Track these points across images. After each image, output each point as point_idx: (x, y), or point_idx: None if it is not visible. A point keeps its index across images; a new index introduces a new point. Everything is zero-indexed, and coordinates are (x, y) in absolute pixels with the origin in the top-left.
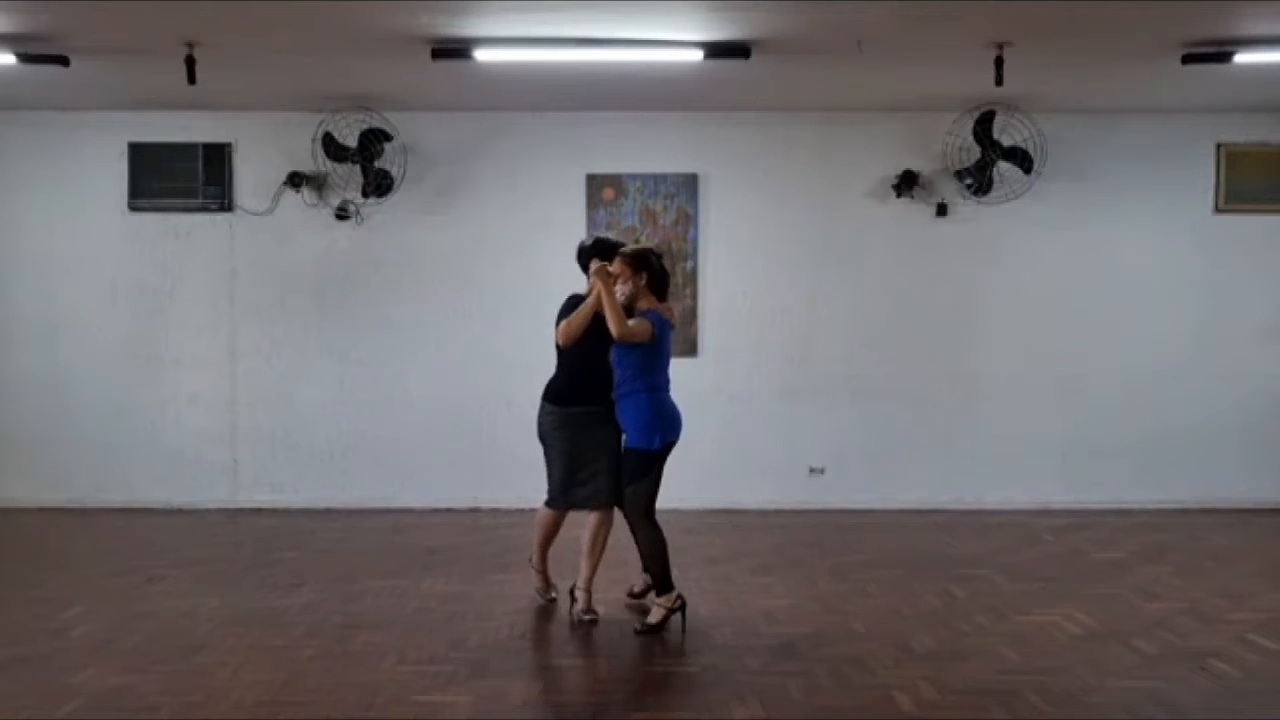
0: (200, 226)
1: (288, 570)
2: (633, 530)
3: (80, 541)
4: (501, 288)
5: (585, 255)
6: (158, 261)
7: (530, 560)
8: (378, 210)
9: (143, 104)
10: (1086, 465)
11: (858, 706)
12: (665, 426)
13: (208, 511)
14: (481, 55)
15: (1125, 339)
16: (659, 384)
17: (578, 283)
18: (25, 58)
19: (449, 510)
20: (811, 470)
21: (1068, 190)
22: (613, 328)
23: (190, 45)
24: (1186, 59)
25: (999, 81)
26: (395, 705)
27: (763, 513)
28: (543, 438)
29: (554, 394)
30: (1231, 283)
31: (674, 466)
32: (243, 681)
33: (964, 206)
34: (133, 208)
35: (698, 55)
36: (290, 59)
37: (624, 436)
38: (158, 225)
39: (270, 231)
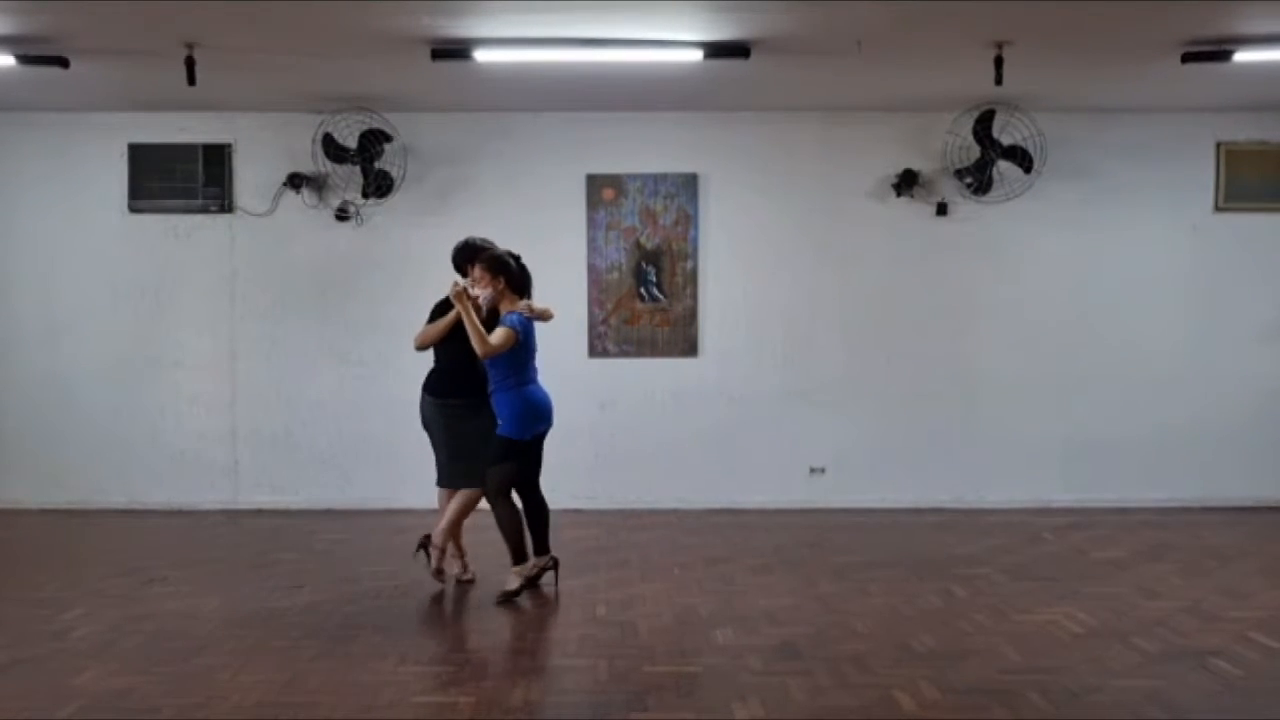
0: (200, 227)
1: (288, 571)
2: (491, 506)
3: (81, 543)
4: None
5: (456, 257)
6: (158, 262)
7: (432, 540)
8: (378, 211)
9: (143, 105)
10: (1087, 464)
11: (859, 706)
12: (536, 418)
13: (208, 512)
14: (481, 56)
15: (1125, 338)
16: (528, 378)
17: (577, 282)
18: (25, 59)
19: None
20: (812, 470)
21: (1068, 189)
22: (477, 349)
23: (190, 46)
24: (1186, 57)
25: (999, 81)
26: (396, 706)
27: (763, 512)
28: (426, 426)
29: (432, 388)
30: (1231, 281)
31: (674, 465)
32: (244, 683)
33: (964, 206)
34: (133, 209)
35: (697, 55)
36: (290, 60)
37: (498, 424)
38: (158, 226)
39: (270, 232)
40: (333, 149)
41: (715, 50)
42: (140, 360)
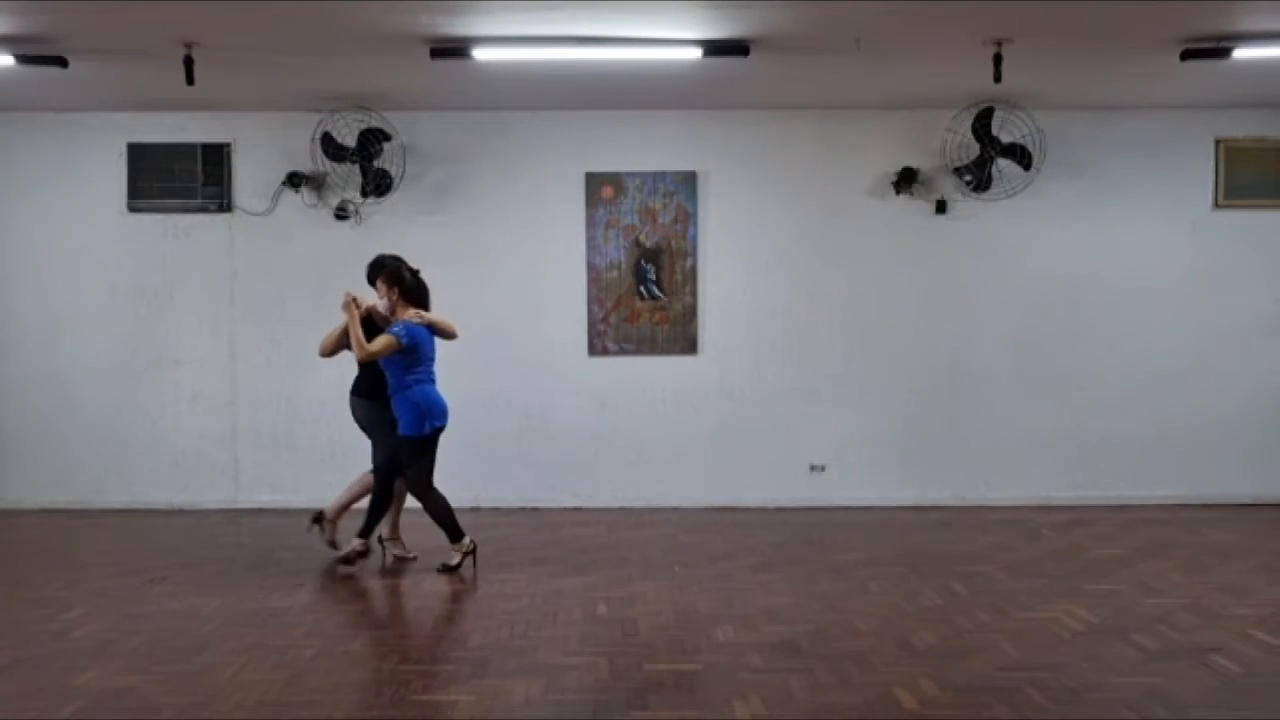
0: (199, 227)
1: (289, 570)
2: (420, 500)
3: (81, 542)
4: (501, 286)
5: (368, 272)
6: (157, 262)
7: (380, 534)
8: (377, 210)
9: (142, 105)
10: (1087, 461)
11: (859, 704)
12: (431, 416)
13: (209, 512)
14: (480, 54)
15: (1125, 335)
16: (421, 378)
17: (576, 280)
18: (24, 59)
19: None
20: (812, 467)
21: (1067, 186)
22: (355, 352)
23: (189, 46)
24: (1185, 54)
25: (998, 78)
26: (396, 705)
27: (763, 510)
28: (366, 427)
29: (362, 390)
30: (1231, 278)
31: (674, 464)
32: (244, 682)
33: (963, 203)
34: (132, 208)
35: (697, 53)
36: (289, 59)
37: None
38: (157, 226)
39: (269, 231)
40: (332, 148)
41: (714, 48)
42: (140, 360)
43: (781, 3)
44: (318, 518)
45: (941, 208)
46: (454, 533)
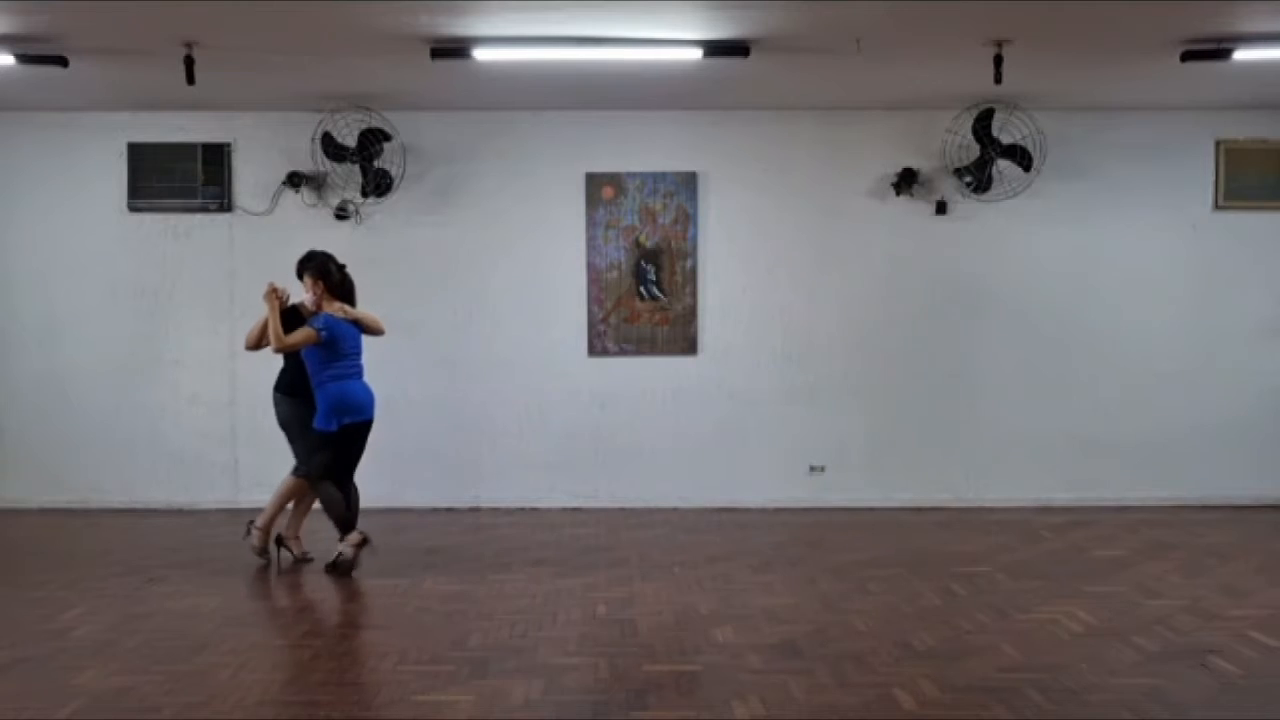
0: (200, 227)
1: (288, 570)
2: (314, 490)
3: (81, 542)
4: (501, 286)
5: (297, 267)
6: (157, 262)
7: (277, 530)
8: (377, 210)
9: (142, 104)
10: (1086, 462)
11: (859, 704)
12: (343, 411)
13: (208, 512)
14: (481, 54)
15: (1125, 336)
16: (341, 373)
17: (576, 280)
18: (25, 58)
19: (449, 510)
20: (812, 468)
21: (1067, 188)
22: (272, 341)
23: (189, 45)
24: (1186, 56)
25: (998, 79)
26: (396, 705)
27: (763, 511)
28: (284, 425)
29: (285, 387)
30: (1231, 280)
31: (674, 464)
32: (244, 681)
33: (963, 204)
34: (132, 208)
35: (697, 54)
36: (289, 59)
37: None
38: (157, 225)
39: (270, 231)
40: (332, 148)
41: (715, 49)
42: (140, 360)
43: (782, 3)
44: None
45: (941, 209)
46: (346, 525)
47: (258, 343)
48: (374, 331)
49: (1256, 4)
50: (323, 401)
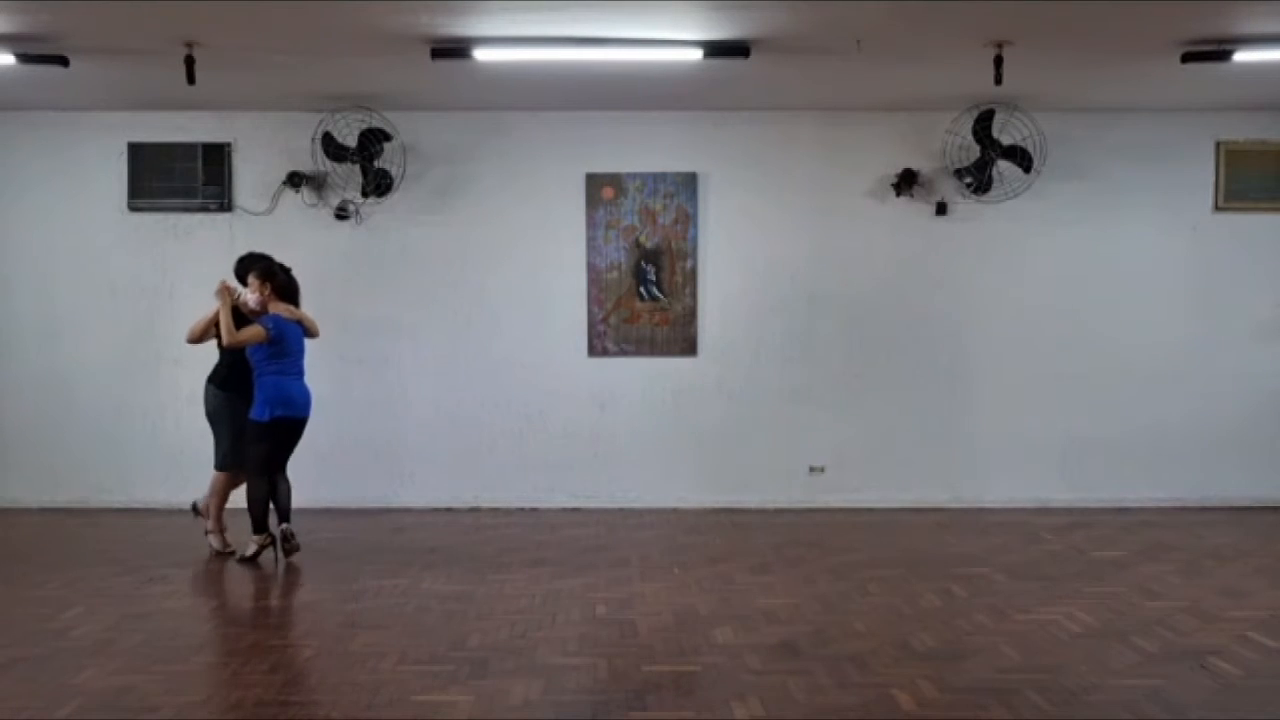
0: (200, 226)
1: (287, 570)
2: (245, 480)
3: (80, 542)
4: (501, 286)
5: (237, 267)
6: (157, 261)
7: (207, 523)
8: (377, 210)
9: (142, 104)
10: (1086, 463)
11: (858, 705)
12: (278, 404)
13: None
14: (481, 55)
15: (1124, 337)
16: (283, 369)
17: (576, 281)
18: (25, 58)
19: (449, 510)
20: (811, 469)
21: (1067, 189)
22: (224, 337)
23: (190, 45)
24: (1186, 57)
25: (998, 80)
26: (395, 705)
27: (763, 511)
28: (211, 416)
29: (219, 380)
30: (1231, 281)
31: (673, 464)
32: (243, 681)
33: (963, 205)
34: (132, 208)
35: (697, 54)
36: (290, 59)
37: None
38: (157, 225)
39: (270, 231)
40: (332, 148)
41: (715, 49)
42: (140, 359)
43: (782, 4)
44: (196, 507)
45: (942, 209)
46: (258, 523)
47: (202, 336)
48: (312, 334)
49: (1256, 5)
50: (260, 391)
